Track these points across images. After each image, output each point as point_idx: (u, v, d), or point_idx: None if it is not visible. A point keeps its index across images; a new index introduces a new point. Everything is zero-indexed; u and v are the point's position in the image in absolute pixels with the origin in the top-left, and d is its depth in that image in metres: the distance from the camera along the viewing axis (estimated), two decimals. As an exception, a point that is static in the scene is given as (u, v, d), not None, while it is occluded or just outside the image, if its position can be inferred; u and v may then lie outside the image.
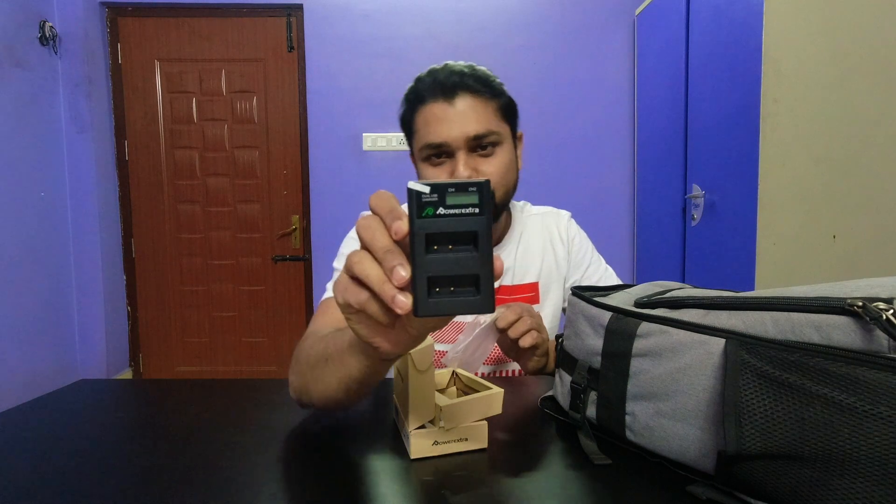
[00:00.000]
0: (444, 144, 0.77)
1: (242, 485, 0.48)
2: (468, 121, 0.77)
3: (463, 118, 0.77)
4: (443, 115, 0.78)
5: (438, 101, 0.78)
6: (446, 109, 0.78)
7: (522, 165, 0.89)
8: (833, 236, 1.67)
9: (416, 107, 0.81)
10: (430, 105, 0.79)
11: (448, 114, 0.77)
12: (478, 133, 0.77)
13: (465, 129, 0.77)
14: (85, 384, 0.79)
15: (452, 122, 0.77)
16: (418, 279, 0.33)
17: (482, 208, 0.33)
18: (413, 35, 2.79)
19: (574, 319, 0.58)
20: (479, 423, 0.53)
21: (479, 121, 0.78)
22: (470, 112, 0.78)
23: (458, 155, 0.77)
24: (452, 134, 0.77)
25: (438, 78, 0.79)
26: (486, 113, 0.79)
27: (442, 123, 0.77)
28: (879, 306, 0.34)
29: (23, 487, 0.48)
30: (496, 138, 0.79)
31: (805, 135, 1.67)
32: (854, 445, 0.34)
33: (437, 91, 0.78)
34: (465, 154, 0.77)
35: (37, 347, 2.46)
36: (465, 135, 0.77)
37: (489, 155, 0.79)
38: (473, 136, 0.77)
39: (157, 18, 2.80)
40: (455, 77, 0.79)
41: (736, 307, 0.44)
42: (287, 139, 2.87)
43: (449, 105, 0.78)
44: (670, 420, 0.46)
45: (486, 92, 0.80)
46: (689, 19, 2.16)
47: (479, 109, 0.78)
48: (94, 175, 2.68)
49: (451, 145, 0.77)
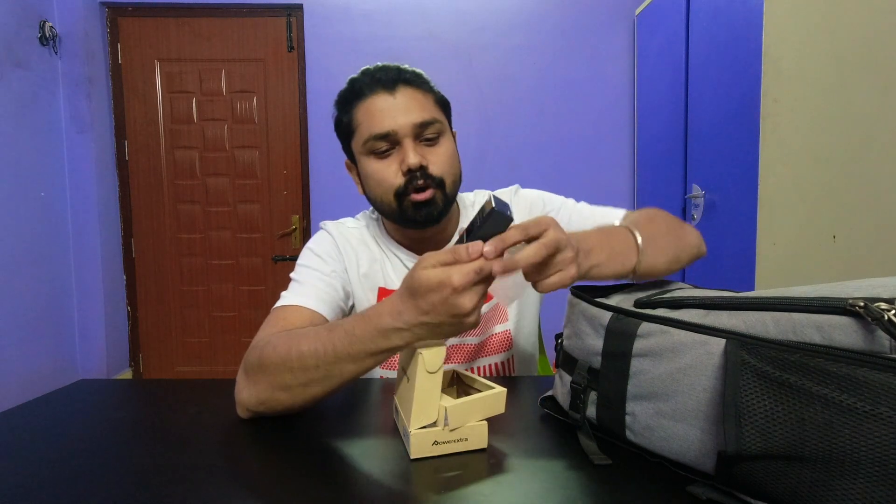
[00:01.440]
0: (390, 133, 0.76)
1: (242, 484, 0.48)
2: (412, 109, 0.77)
3: (406, 107, 0.77)
4: (386, 106, 0.77)
5: (380, 94, 0.78)
6: (389, 100, 0.77)
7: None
8: (833, 236, 1.67)
9: (354, 104, 0.80)
10: (371, 98, 0.78)
11: (391, 104, 0.77)
12: (423, 120, 0.77)
13: (410, 116, 0.77)
14: (85, 384, 0.79)
15: (397, 111, 0.77)
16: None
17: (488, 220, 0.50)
18: (413, 35, 2.79)
19: (574, 319, 0.58)
20: (479, 423, 0.53)
21: (423, 109, 0.78)
22: (412, 101, 0.78)
23: (405, 143, 0.77)
24: (398, 122, 0.76)
25: (376, 75, 0.79)
26: (427, 103, 0.80)
27: (386, 113, 0.77)
28: (881, 307, 0.34)
29: (23, 487, 0.48)
30: (440, 127, 0.79)
31: (805, 135, 1.66)
32: (854, 446, 0.34)
33: (378, 85, 0.78)
34: (412, 142, 0.77)
35: (37, 347, 2.45)
36: (412, 122, 0.76)
37: (434, 143, 0.79)
38: (419, 123, 0.77)
39: (157, 18, 2.80)
40: (392, 72, 0.79)
41: (736, 307, 0.44)
42: (287, 139, 2.87)
43: (391, 96, 0.77)
44: (670, 420, 0.46)
45: (423, 85, 0.81)
46: (689, 19, 2.16)
47: (420, 99, 0.79)
48: (94, 175, 2.68)
49: (398, 133, 0.76)
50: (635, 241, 0.61)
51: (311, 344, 0.58)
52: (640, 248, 0.60)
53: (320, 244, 0.86)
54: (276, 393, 0.61)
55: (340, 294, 0.81)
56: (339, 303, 0.80)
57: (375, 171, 0.78)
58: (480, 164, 2.82)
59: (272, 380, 0.61)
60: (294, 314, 0.74)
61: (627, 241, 0.61)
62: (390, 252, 0.87)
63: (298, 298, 0.76)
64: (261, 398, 0.62)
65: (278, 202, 2.89)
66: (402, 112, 0.77)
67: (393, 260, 0.87)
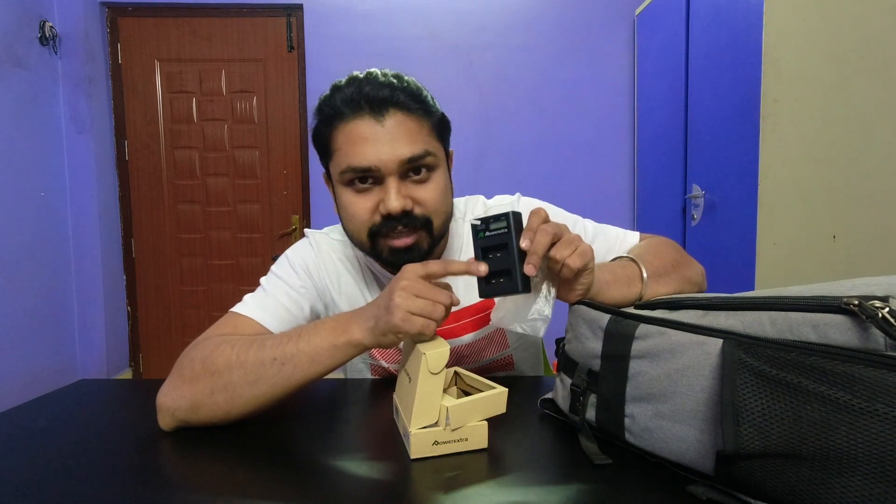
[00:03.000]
0: (372, 169, 0.66)
1: (242, 484, 0.48)
2: (401, 141, 0.66)
3: (394, 138, 0.66)
4: (371, 135, 0.66)
5: (365, 118, 0.66)
6: (374, 128, 0.66)
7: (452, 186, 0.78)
8: (833, 236, 1.67)
9: (334, 122, 0.68)
10: (354, 122, 0.66)
11: (377, 133, 0.65)
12: (413, 155, 0.66)
13: (398, 151, 0.65)
14: (85, 384, 0.80)
15: (382, 143, 0.65)
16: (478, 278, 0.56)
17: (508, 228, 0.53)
18: (413, 35, 2.79)
19: (574, 322, 0.58)
20: (479, 423, 0.53)
21: (415, 140, 0.67)
22: (403, 131, 0.66)
23: (388, 181, 0.66)
24: (383, 157, 0.65)
25: (364, 90, 0.66)
26: (421, 132, 0.68)
27: (370, 144, 0.65)
28: (875, 305, 0.34)
29: (23, 487, 0.48)
30: (432, 161, 0.68)
31: (805, 135, 1.67)
32: (851, 443, 0.34)
33: (363, 106, 0.66)
34: (396, 181, 0.66)
35: (37, 347, 2.46)
36: (399, 158, 0.65)
37: (424, 180, 0.69)
38: (408, 159, 0.66)
39: (157, 18, 2.80)
40: (385, 91, 0.66)
41: (734, 308, 0.44)
42: (287, 139, 2.87)
43: (377, 123, 0.66)
44: (669, 421, 0.46)
45: (419, 109, 0.68)
46: (689, 19, 2.16)
47: (413, 128, 0.67)
48: (94, 175, 2.68)
49: (381, 170, 0.66)
50: (640, 271, 0.61)
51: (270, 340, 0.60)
52: (644, 281, 0.60)
53: (299, 256, 0.80)
54: (215, 395, 0.58)
55: (304, 313, 0.76)
56: (299, 322, 0.75)
57: (350, 204, 0.69)
58: (480, 164, 2.82)
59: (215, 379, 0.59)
60: (246, 326, 0.70)
61: (630, 270, 0.61)
62: (376, 271, 0.81)
63: (257, 312, 0.72)
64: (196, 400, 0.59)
65: (278, 202, 2.89)
66: (388, 144, 0.65)
67: (378, 280, 0.81)
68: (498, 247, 0.54)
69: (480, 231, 0.56)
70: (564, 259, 0.52)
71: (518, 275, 0.53)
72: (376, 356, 0.82)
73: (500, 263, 0.54)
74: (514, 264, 0.53)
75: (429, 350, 0.51)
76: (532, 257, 0.52)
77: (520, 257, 0.53)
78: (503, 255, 0.54)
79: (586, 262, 0.53)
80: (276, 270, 0.79)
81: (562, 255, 0.52)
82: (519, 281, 0.53)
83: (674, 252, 0.72)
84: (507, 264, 0.53)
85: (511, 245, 0.53)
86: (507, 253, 0.53)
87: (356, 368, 0.85)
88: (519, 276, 0.53)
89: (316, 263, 0.80)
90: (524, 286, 0.53)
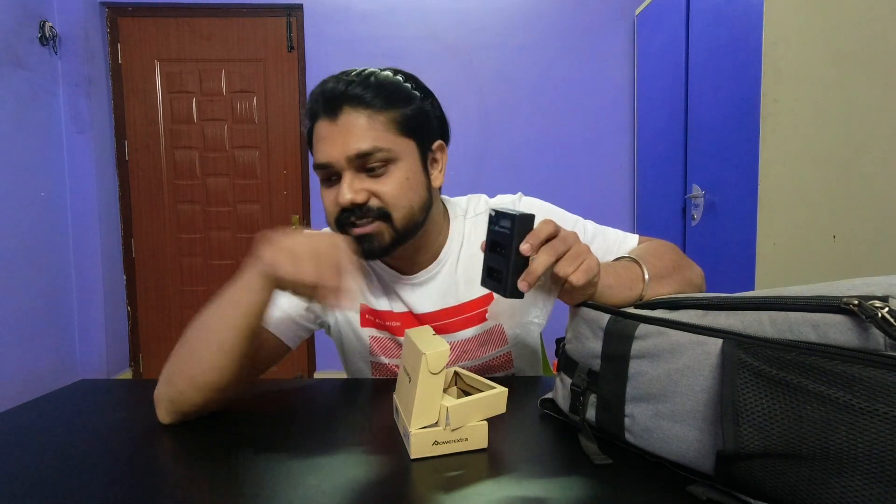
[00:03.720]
0: (328, 165, 0.70)
1: (242, 484, 0.48)
2: (350, 138, 0.69)
3: (344, 135, 0.69)
4: (326, 134, 0.70)
5: (323, 120, 0.71)
6: (329, 127, 0.70)
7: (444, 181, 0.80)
8: (833, 236, 1.68)
9: (311, 123, 0.74)
10: (318, 123, 0.72)
11: (331, 131, 0.70)
12: (360, 151, 0.68)
13: (346, 147, 0.69)
14: (85, 384, 0.80)
15: (335, 141, 0.69)
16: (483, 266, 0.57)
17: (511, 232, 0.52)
18: (413, 35, 2.79)
19: (574, 322, 0.58)
20: (479, 423, 0.53)
21: (363, 137, 0.69)
22: (353, 128, 0.69)
23: (343, 176, 0.70)
24: (333, 154, 0.69)
25: (325, 92, 0.71)
26: (373, 127, 0.70)
27: (326, 142, 0.70)
28: (875, 304, 0.34)
29: (22, 487, 0.48)
30: (386, 155, 0.70)
31: (805, 135, 1.67)
32: (851, 443, 0.34)
33: (322, 106, 0.71)
34: (350, 175, 0.70)
35: (37, 347, 2.46)
36: (345, 154, 0.69)
37: (381, 174, 0.71)
38: (356, 155, 0.69)
39: (157, 18, 2.80)
40: (340, 87, 0.70)
41: (734, 307, 0.44)
42: (287, 139, 2.87)
43: (331, 122, 0.70)
44: (669, 421, 0.46)
45: (376, 103, 0.70)
46: (689, 19, 2.16)
47: (363, 124, 0.69)
48: (94, 175, 2.68)
49: (334, 166, 0.70)
50: (642, 273, 0.61)
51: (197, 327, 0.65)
52: (646, 282, 0.60)
53: None
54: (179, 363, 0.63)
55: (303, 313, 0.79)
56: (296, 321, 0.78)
57: (322, 197, 0.75)
58: (480, 164, 2.82)
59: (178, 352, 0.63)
60: None
61: (634, 271, 0.61)
62: (372, 268, 0.83)
63: None
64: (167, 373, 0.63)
65: (278, 202, 2.89)
66: (339, 141, 0.69)
67: (376, 276, 0.83)
68: (502, 245, 0.54)
69: (493, 223, 0.56)
70: (568, 276, 0.52)
71: (508, 282, 0.52)
72: (377, 353, 0.82)
73: (499, 263, 0.54)
74: (506, 270, 0.53)
75: (429, 350, 0.51)
76: (529, 276, 0.52)
77: (515, 264, 0.52)
78: (504, 256, 0.53)
79: (590, 278, 0.53)
80: None
81: (565, 271, 0.52)
82: (508, 287, 0.53)
83: (674, 254, 0.73)
84: (503, 267, 0.53)
85: (509, 250, 0.53)
86: (506, 257, 0.53)
87: (357, 368, 0.85)
88: (509, 283, 0.52)
89: None
90: (512, 293, 0.53)
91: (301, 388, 0.79)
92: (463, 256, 0.83)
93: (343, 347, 0.86)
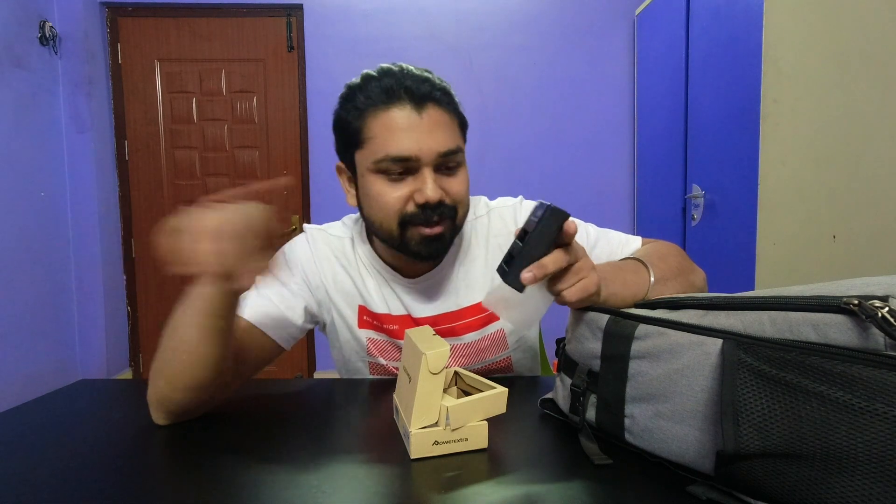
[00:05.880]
0: (412, 158, 0.68)
1: (241, 484, 0.48)
2: (440, 135, 0.69)
3: (433, 131, 0.69)
4: (410, 125, 0.68)
5: (405, 109, 0.68)
6: (414, 119, 0.68)
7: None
8: (833, 236, 1.68)
9: (368, 110, 0.70)
10: (393, 111, 0.69)
11: (417, 124, 0.68)
12: (449, 149, 0.69)
13: (437, 144, 0.69)
14: (85, 384, 0.80)
15: (423, 135, 0.68)
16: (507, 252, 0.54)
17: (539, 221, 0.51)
18: (413, 35, 2.79)
19: (574, 323, 0.58)
20: (479, 423, 0.53)
21: (450, 137, 0.71)
22: (441, 126, 0.70)
23: (424, 171, 0.69)
24: (423, 148, 0.68)
25: (405, 83, 0.69)
26: (453, 128, 0.72)
27: (410, 135, 0.68)
28: (875, 304, 0.34)
29: (22, 487, 0.48)
30: (461, 157, 0.73)
31: (805, 135, 1.67)
32: (851, 442, 0.34)
33: (404, 96, 0.69)
34: (431, 171, 0.69)
35: (37, 347, 2.46)
36: (437, 150, 0.68)
37: (454, 174, 0.72)
38: (444, 153, 0.69)
39: (157, 18, 2.80)
40: (426, 86, 0.70)
41: (734, 307, 0.44)
42: (287, 139, 2.87)
43: (417, 115, 0.68)
44: (669, 421, 0.46)
45: (450, 107, 0.73)
46: (689, 19, 2.16)
47: (448, 124, 0.71)
48: (94, 175, 2.68)
49: (420, 160, 0.68)
50: (648, 275, 0.61)
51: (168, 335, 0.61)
52: (651, 284, 0.60)
53: (294, 252, 0.81)
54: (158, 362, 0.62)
55: (297, 312, 0.77)
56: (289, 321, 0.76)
57: (382, 193, 0.70)
58: (480, 164, 2.82)
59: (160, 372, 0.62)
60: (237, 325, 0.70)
61: (640, 274, 0.61)
62: (373, 269, 0.81)
63: (248, 311, 0.73)
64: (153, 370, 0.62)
65: (278, 202, 2.89)
66: (427, 136, 0.68)
67: (377, 278, 0.81)
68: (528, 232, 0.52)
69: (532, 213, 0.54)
70: (562, 291, 0.53)
71: (516, 267, 0.51)
72: (374, 353, 0.82)
73: (516, 249, 0.52)
74: (518, 255, 0.52)
75: (429, 350, 0.51)
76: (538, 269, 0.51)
77: (528, 253, 0.51)
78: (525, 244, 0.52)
79: (583, 297, 0.53)
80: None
81: (559, 287, 0.53)
82: (511, 273, 0.52)
83: (678, 257, 0.73)
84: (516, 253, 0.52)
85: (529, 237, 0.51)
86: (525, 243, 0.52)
87: (355, 368, 0.85)
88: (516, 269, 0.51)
89: (311, 259, 0.81)
90: (513, 281, 0.52)
91: (301, 388, 0.79)
92: (464, 261, 0.83)
93: (340, 346, 0.85)
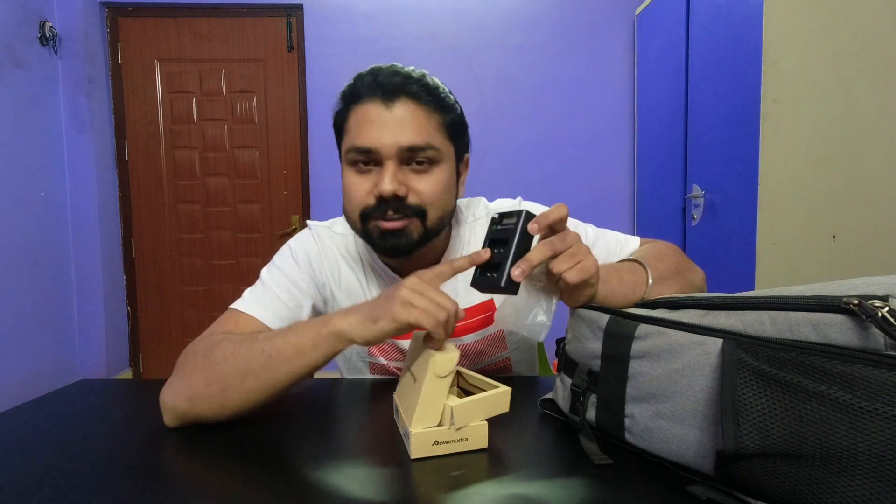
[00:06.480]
0: (372, 150, 0.68)
1: (242, 484, 0.48)
2: (405, 128, 0.68)
3: (399, 124, 0.68)
4: (377, 118, 0.68)
5: (375, 102, 0.69)
6: (382, 112, 0.68)
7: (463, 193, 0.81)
8: (833, 236, 1.67)
9: (350, 105, 0.71)
10: (365, 105, 0.69)
11: (383, 117, 0.68)
12: (414, 144, 0.68)
13: (400, 137, 0.67)
14: (85, 384, 0.80)
15: (386, 127, 0.68)
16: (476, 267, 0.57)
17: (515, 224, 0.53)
18: (413, 35, 2.79)
19: (574, 323, 0.58)
20: (479, 423, 0.53)
21: (418, 131, 0.68)
22: (409, 119, 0.68)
23: (386, 165, 0.68)
24: (384, 140, 0.67)
25: (379, 78, 0.70)
26: (428, 124, 0.70)
27: (374, 127, 0.68)
28: (875, 304, 0.34)
29: (23, 487, 0.48)
30: (434, 154, 0.70)
31: (805, 135, 1.67)
32: (851, 442, 0.34)
33: (376, 91, 0.69)
34: (394, 165, 0.68)
35: (37, 347, 2.46)
36: (398, 143, 0.67)
37: (424, 171, 0.70)
38: (408, 147, 0.68)
39: (157, 18, 2.80)
40: (397, 78, 0.69)
41: (734, 307, 0.44)
42: (287, 139, 2.87)
43: (385, 108, 0.68)
44: (669, 421, 0.46)
45: (431, 102, 0.70)
46: (689, 19, 2.16)
47: (421, 118, 0.69)
48: (94, 175, 2.68)
49: (380, 152, 0.68)
50: (646, 275, 0.61)
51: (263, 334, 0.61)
52: (649, 284, 0.60)
53: (301, 247, 0.81)
54: (210, 387, 0.59)
55: (304, 310, 0.77)
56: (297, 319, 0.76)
57: (349, 184, 0.71)
58: (480, 164, 2.82)
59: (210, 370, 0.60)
60: (247, 323, 0.71)
61: (639, 275, 0.61)
62: (377, 267, 0.81)
63: (257, 309, 0.73)
64: (193, 392, 0.59)
65: (278, 202, 2.89)
66: (392, 129, 0.68)
67: (378, 277, 0.81)
68: (503, 241, 0.54)
69: (495, 223, 0.56)
70: (562, 273, 0.52)
71: (505, 272, 0.52)
72: (375, 354, 0.82)
73: (498, 257, 0.54)
74: (506, 260, 0.52)
75: (437, 352, 0.51)
76: (523, 263, 0.51)
77: (515, 256, 0.52)
78: (504, 251, 0.53)
79: (586, 278, 0.53)
80: (277, 262, 0.80)
81: (559, 269, 0.53)
82: (504, 278, 0.52)
83: (677, 256, 0.73)
84: (501, 259, 0.53)
85: (511, 241, 0.53)
86: (507, 248, 0.53)
87: (355, 367, 0.85)
88: (506, 273, 0.52)
89: (318, 256, 0.81)
90: (507, 285, 0.52)
91: (301, 388, 0.79)
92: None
93: None
